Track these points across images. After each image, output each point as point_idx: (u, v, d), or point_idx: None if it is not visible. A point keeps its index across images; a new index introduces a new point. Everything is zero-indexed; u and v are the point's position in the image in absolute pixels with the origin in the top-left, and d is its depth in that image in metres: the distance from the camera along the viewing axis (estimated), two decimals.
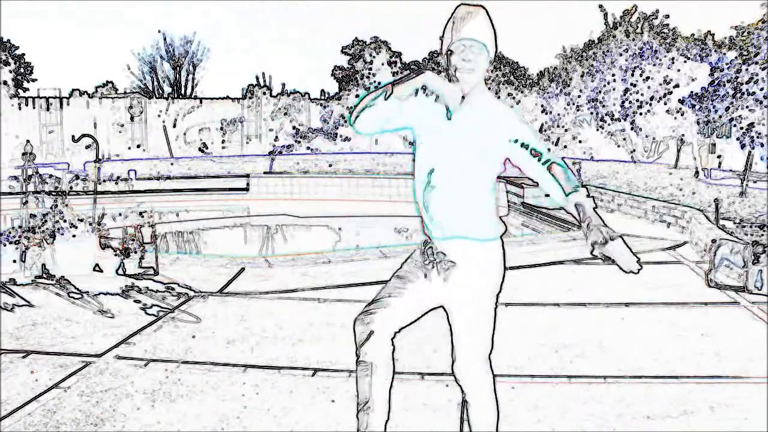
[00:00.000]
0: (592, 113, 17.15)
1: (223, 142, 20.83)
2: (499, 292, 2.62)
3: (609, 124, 16.57)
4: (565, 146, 18.36)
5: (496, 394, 2.67)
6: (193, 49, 25.68)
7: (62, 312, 5.51)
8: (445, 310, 2.64)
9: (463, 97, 2.50)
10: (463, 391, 2.69)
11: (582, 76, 17.56)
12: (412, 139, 2.63)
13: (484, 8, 2.54)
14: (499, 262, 2.58)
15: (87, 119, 19.80)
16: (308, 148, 20.73)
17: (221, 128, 20.87)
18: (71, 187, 14.13)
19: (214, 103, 21.03)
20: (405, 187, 15.26)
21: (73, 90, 19.98)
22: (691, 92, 13.41)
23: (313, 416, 3.59)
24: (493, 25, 2.53)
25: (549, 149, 2.57)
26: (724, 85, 11.88)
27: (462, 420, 3.52)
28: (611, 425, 3.49)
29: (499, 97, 19.42)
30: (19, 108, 19.09)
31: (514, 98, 19.33)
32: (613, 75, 16.21)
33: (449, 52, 2.48)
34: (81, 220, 6.86)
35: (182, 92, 25.47)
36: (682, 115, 14.11)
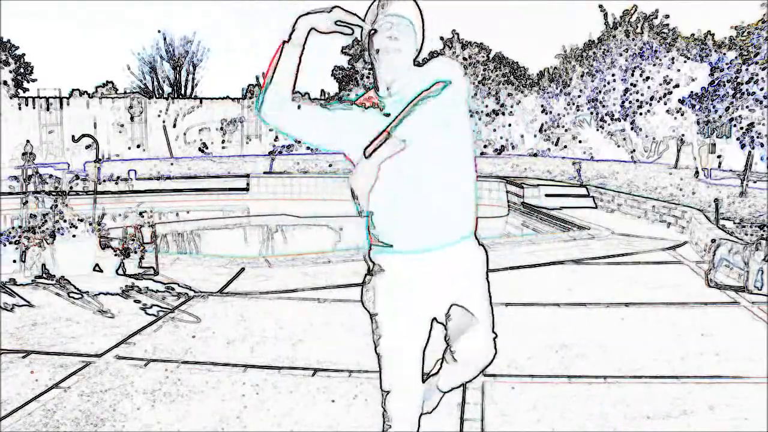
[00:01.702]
0: (592, 113, 17.15)
1: (223, 142, 20.85)
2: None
3: (609, 124, 16.57)
4: (565, 146, 18.37)
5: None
6: (193, 49, 25.71)
7: (62, 312, 5.51)
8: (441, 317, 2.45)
9: (387, 88, 2.23)
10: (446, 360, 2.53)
11: (582, 76, 17.56)
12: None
13: None
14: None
15: (87, 119, 19.82)
16: (308, 148, 20.73)
17: (221, 128, 20.88)
18: (71, 187, 14.14)
19: (214, 103, 21.04)
20: None
21: (73, 90, 20.00)
22: (691, 92, 13.41)
23: (313, 416, 3.59)
24: (420, 10, 2.26)
25: None
26: (724, 85, 11.89)
27: (462, 420, 3.52)
28: (611, 425, 3.49)
29: (498, 99, 19.44)
30: (19, 108, 19.10)
31: (514, 98, 19.34)
32: (613, 75, 16.21)
33: (372, 32, 2.20)
34: (81, 220, 6.86)
35: (182, 92, 25.48)
36: (682, 115, 14.11)
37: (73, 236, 6.69)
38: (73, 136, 10.66)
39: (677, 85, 14.25)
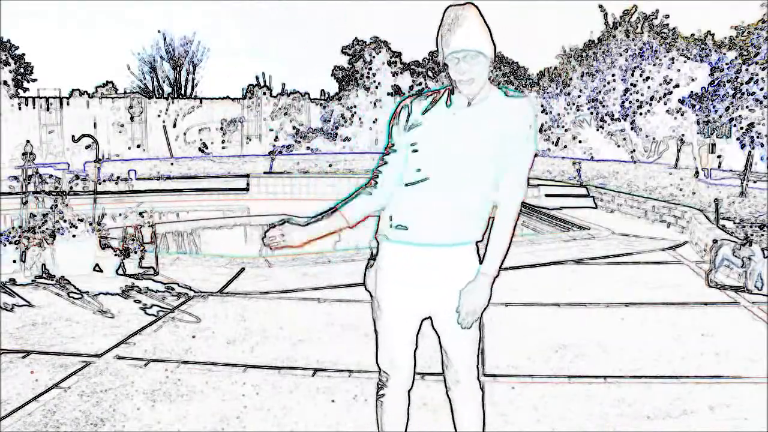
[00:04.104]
0: (592, 113, 17.16)
1: (223, 142, 20.85)
2: None
3: (609, 124, 16.57)
4: (565, 146, 18.37)
5: (484, 407, 2.62)
6: (193, 49, 25.70)
7: (62, 312, 5.51)
8: (430, 320, 2.54)
9: (469, 103, 2.35)
10: (451, 401, 2.64)
11: (582, 76, 17.56)
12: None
13: (473, 5, 2.32)
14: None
15: (87, 119, 19.82)
16: (308, 148, 20.74)
17: (221, 128, 20.88)
18: (71, 187, 14.14)
19: (214, 103, 21.04)
20: None
21: (73, 90, 19.99)
22: (691, 92, 13.42)
23: (313, 416, 3.59)
24: (485, 23, 2.32)
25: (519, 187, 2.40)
26: (724, 85, 11.89)
27: None
28: (611, 425, 3.49)
29: None
30: (19, 108, 19.11)
31: None
32: (613, 75, 16.21)
33: (445, 65, 2.32)
34: (81, 220, 6.86)
35: (182, 92, 25.48)
36: (682, 115, 14.11)
37: (73, 236, 6.69)
38: (73, 136, 10.67)
39: (677, 85, 14.25)
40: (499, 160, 2.35)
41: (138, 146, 20.29)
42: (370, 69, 20.32)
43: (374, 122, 20.44)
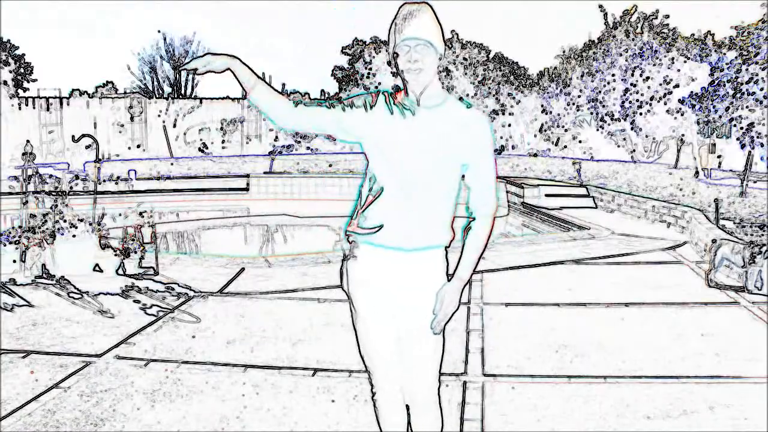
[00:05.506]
0: (592, 113, 17.16)
1: (223, 142, 20.85)
2: None
3: (609, 124, 16.57)
4: (565, 146, 18.37)
5: (443, 420, 2.63)
6: (193, 49, 25.72)
7: (62, 312, 5.51)
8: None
9: (417, 101, 2.36)
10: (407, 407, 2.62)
11: (582, 76, 17.57)
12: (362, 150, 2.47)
13: (428, 5, 2.38)
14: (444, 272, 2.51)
15: (87, 119, 19.82)
16: (308, 148, 20.74)
17: (221, 128, 20.88)
18: (71, 187, 14.13)
19: (214, 103, 21.04)
20: None
21: (73, 90, 19.99)
22: (691, 92, 13.42)
23: (313, 416, 3.59)
24: (438, 22, 2.37)
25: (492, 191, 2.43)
26: (724, 85, 11.89)
27: (462, 420, 3.53)
28: (611, 425, 3.49)
29: (498, 99, 19.41)
30: (19, 108, 19.11)
31: (514, 98, 19.34)
32: (613, 75, 16.22)
33: (395, 55, 2.36)
34: (81, 220, 6.86)
35: (182, 92, 25.48)
36: (682, 115, 14.11)
37: (73, 236, 6.69)
38: (73, 136, 10.67)
39: (677, 85, 14.25)
40: (460, 167, 2.41)
41: (138, 146, 20.29)
42: (370, 69, 20.32)
43: None
